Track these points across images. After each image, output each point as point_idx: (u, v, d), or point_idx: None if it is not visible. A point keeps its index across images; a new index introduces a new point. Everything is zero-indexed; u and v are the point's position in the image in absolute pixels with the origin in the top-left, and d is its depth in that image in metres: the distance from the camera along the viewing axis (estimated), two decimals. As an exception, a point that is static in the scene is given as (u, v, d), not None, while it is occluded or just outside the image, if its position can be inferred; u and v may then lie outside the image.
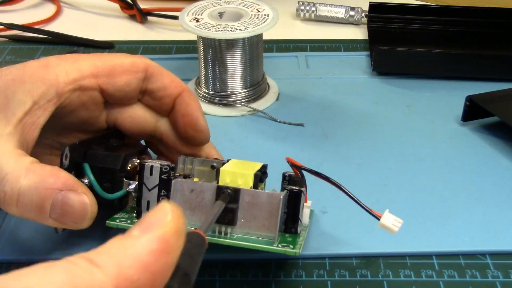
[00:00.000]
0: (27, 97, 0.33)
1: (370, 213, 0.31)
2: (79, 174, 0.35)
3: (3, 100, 0.32)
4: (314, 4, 0.67)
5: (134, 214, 0.35)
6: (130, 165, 0.36)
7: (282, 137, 0.48)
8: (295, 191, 0.33)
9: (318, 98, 0.53)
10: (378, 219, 0.30)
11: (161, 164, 0.33)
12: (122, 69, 0.36)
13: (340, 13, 0.67)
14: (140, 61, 0.37)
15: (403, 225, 0.39)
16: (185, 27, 0.48)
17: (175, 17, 0.64)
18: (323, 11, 0.67)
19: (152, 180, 0.33)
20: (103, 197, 0.34)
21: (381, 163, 0.45)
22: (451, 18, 0.63)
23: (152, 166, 0.33)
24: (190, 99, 0.38)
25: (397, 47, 0.55)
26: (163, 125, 0.39)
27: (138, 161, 0.37)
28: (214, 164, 0.38)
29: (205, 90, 0.51)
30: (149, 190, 0.34)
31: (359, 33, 0.65)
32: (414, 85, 0.55)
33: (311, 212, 0.39)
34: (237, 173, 0.33)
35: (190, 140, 0.39)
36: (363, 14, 0.66)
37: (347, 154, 0.46)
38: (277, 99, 0.53)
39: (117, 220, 0.34)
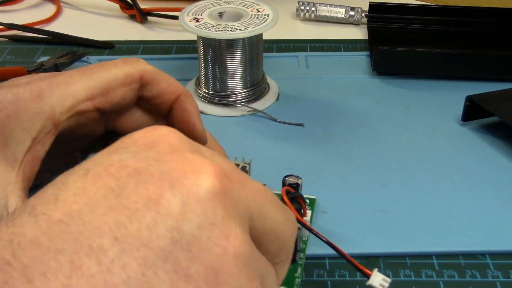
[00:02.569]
0: (26, 135, 0.32)
1: (360, 270, 0.31)
2: None
3: (1, 139, 0.32)
4: (314, 4, 0.67)
5: None
6: None
7: (282, 137, 0.48)
8: None
9: (318, 98, 0.53)
10: (367, 277, 0.31)
11: None
12: (116, 84, 0.35)
13: (340, 13, 0.67)
14: (134, 69, 0.36)
15: (403, 225, 0.39)
16: (185, 27, 0.48)
17: (175, 17, 0.64)
18: (323, 11, 0.67)
19: None
20: None
21: (381, 163, 0.45)
22: (451, 18, 0.63)
23: None
24: (186, 103, 0.38)
25: (397, 47, 0.55)
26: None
27: None
28: None
29: (205, 90, 0.51)
30: None
31: (359, 33, 0.65)
32: (414, 85, 0.55)
33: (315, 201, 0.39)
34: None
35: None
36: (363, 14, 0.66)
37: (347, 154, 0.46)
38: (277, 99, 0.53)
39: None
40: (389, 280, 0.31)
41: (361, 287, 0.35)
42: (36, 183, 0.36)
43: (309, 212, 0.38)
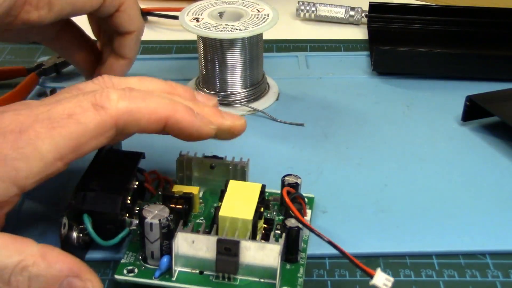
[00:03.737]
0: None
1: (362, 269, 0.31)
2: (79, 221, 0.35)
3: None
4: (314, 4, 0.67)
5: (140, 257, 0.35)
6: (129, 198, 0.36)
7: (282, 137, 0.48)
8: (293, 229, 0.34)
9: (318, 98, 0.53)
10: (371, 277, 0.31)
11: (160, 220, 0.33)
12: (87, 138, 0.32)
13: (340, 13, 0.67)
14: (107, 116, 0.32)
15: (403, 225, 0.39)
16: (185, 27, 0.48)
17: (175, 17, 0.64)
18: (323, 11, 0.67)
19: (153, 235, 0.33)
20: (106, 245, 0.35)
21: (381, 163, 0.45)
22: (451, 18, 0.63)
23: (151, 224, 0.33)
24: (179, 122, 0.34)
25: (397, 47, 0.55)
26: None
27: (137, 182, 0.37)
28: (213, 164, 0.39)
29: (205, 90, 0.51)
30: (152, 242, 0.34)
31: (359, 33, 0.65)
32: (414, 85, 0.55)
33: (313, 200, 0.40)
34: (235, 219, 0.34)
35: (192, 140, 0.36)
36: (363, 14, 0.66)
37: (347, 154, 0.46)
38: (277, 99, 0.53)
39: (125, 271, 0.34)
40: (392, 279, 0.31)
41: (361, 287, 0.35)
42: None
43: (309, 212, 0.38)
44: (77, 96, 0.32)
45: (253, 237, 0.34)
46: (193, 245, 0.33)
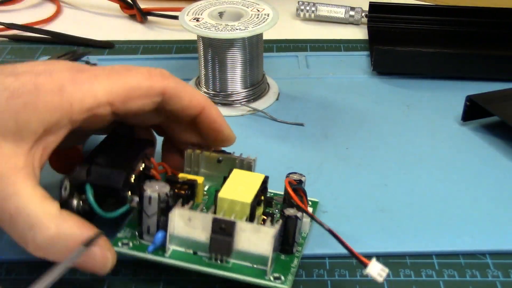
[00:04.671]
0: (39, 125, 0.32)
1: (358, 258, 0.31)
2: (82, 192, 0.35)
3: (13, 125, 0.31)
4: (314, 4, 0.67)
5: (137, 233, 0.35)
6: (134, 175, 0.36)
7: (282, 137, 0.48)
8: (291, 218, 0.34)
9: (318, 98, 0.53)
10: (365, 266, 0.31)
11: (159, 194, 0.33)
12: (137, 94, 0.35)
13: (340, 13, 0.67)
14: (158, 84, 0.35)
15: (403, 225, 0.39)
16: (185, 27, 0.48)
17: (175, 17, 0.64)
18: (323, 11, 0.67)
19: (151, 208, 0.34)
20: (105, 217, 0.35)
21: (381, 163, 0.45)
22: (451, 18, 0.63)
23: (150, 197, 0.33)
24: (212, 115, 0.37)
25: (397, 47, 0.55)
26: (177, 127, 0.39)
27: (143, 165, 0.37)
28: (220, 158, 0.39)
29: (205, 90, 0.51)
30: (149, 216, 0.34)
31: (359, 33, 0.65)
32: (414, 85, 0.55)
33: (317, 204, 0.40)
34: (234, 201, 0.34)
35: (213, 145, 0.39)
36: (363, 14, 0.66)
37: (347, 154, 0.46)
38: (277, 99, 0.53)
39: (119, 244, 0.35)
40: (387, 270, 0.31)
41: (361, 286, 0.35)
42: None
43: (310, 209, 0.38)
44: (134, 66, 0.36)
45: (250, 220, 0.34)
46: (190, 223, 0.33)
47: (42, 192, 0.32)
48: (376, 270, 0.31)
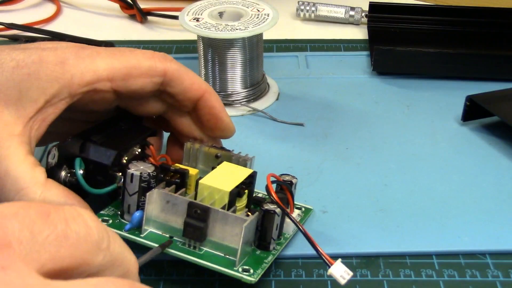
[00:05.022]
0: (40, 95, 0.33)
1: (322, 257, 0.31)
2: (72, 166, 0.35)
3: (16, 94, 0.33)
4: (314, 4, 0.67)
5: (119, 212, 0.36)
6: (126, 158, 0.36)
7: (282, 137, 0.48)
8: (268, 212, 0.34)
9: (318, 98, 0.53)
10: (329, 266, 0.31)
11: (141, 173, 0.34)
12: (138, 73, 0.35)
13: (340, 13, 0.67)
14: (159, 65, 0.36)
15: (403, 225, 0.39)
16: (185, 27, 0.48)
17: (175, 17, 0.64)
18: (323, 11, 0.67)
19: (133, 186, 0.34)
20: (91, 192, 0.35)
21: (381, 163, 0.45)
22: (451, 18, 0.63)
23: (132, 174, 0.34)
24: (212, 101, 0.38)
25: (397, 47, 0.55)
26: (179, 117, 0.39)
27: (140, 150, 0.38)
28: (218, 154, 0.39)
29: (205, 90, 0.51)
30: (130, 195, 0.34)
31: (359, 33, 0.65)
32: (414, 85, 0.55)
33: (310, 211, 0.39)
34: (214, 189, 0.34)
35: (213, 135, 0.39)
36: (363, 14, 0.66)
37: (347, 154, 0.46)
38: (277, 99, 0.53)
39: (100, 219, 0.35)
40: (351, 273, 0.31)
41: (361, 286, 0.35)
42: (40, 145, 0.37)
43: (297, 211, 0.37)
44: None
45: (228, 210, 0.34)
46: (167, 206, 0.34)
47: (33, 159, 0.33)
48: (339, 272, 0.31)
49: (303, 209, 0.39)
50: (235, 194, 0.34)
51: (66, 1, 0.73)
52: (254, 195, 0.37)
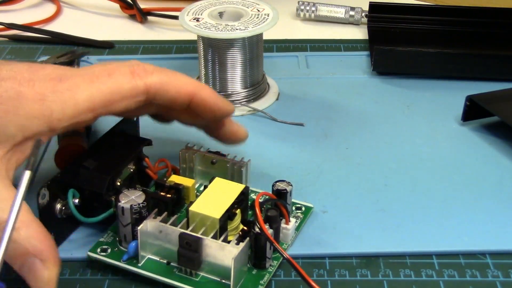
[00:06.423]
0: (19, 132, 0.32)
1: (311, 285, 0.31)
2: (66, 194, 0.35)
3: None
4: (314, 4, 0.67)
5: (117, 239, 0.36)
6: (120, 180, 0.37)
7: (282, 137, 0.48)
8: (260, 236, 0.33)
9: (318, 98, 0.53)
10: None
11: (131, 205, 0.34)
12: (120, 97, 0.35)
13: (340, 13, 0.67)
14: (140, 83, 0.35)
15: (403, 225, 0.39)
16: (185, 27, 0.48)
17: (175, 17, 0.64)
18: (323, 11, 0.67)
19: (125, 218, 0.34)
20: (86, 222, 0.35)
21: (381, 163, 0.45)
22: (451, 18, 0.63)
23: (123, 208, 0.34)
24: (203, 97, 0.37)
25: (397, 47, 0.55)
26: (176, 114, 0.39)
27: (134, 167, 0.38)
28: (214, 160, 0.39)
29: (205, 90, 0.51)
30: (124, 226, 0.34)
31: (359, 33, 0.65)
32: (414, 85, 0.55)
33: (310, 210, 0.39)
34: (204, 216, 0.34)
35: (214, 121, 0.39)
36: (363, 14, 0.66)
37: (347, 154, 0.46)
38: (277, 99, 0.53)
39: (98, 249, 0.35)
40: None
41: (361, 286, 0.35)
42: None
43: (293, 220, 0.37)
44: (117, 63, 0.36)
45: (220, 235, 0.34)
46: (160, 235, 0.34)
47: (10, 193, 0.32)
48: None
49: (303, 208, 0.39)
50: (226, 219, 0.34)
51: (66, 1, 0.73)
52: (251, 195, 0.37)
